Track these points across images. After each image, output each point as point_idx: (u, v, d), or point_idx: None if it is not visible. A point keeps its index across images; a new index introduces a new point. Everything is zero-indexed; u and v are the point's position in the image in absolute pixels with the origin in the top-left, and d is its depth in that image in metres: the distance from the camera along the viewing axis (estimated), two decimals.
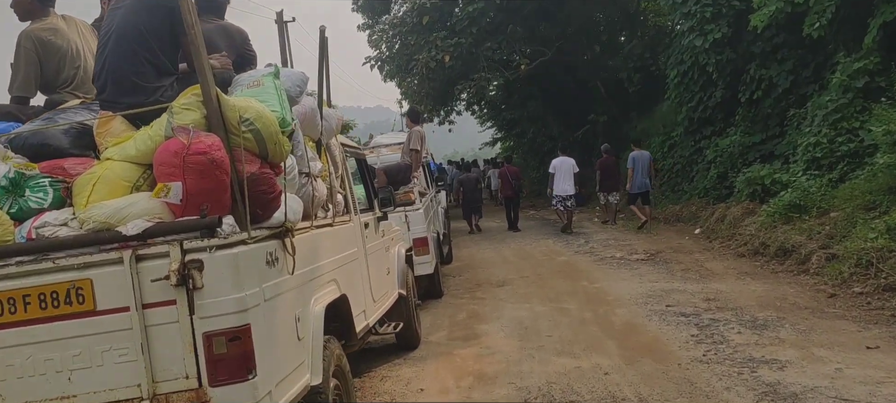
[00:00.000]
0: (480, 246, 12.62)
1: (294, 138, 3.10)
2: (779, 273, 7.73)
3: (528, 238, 13.20)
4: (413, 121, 7.97)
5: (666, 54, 16.17)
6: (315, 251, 3.26)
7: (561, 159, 13.51)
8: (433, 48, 17.31)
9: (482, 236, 14.49)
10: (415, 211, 7.17)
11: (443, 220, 10.36)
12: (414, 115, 8.04)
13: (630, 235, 12.09)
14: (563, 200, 13.13)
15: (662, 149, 16.00)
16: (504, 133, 33.79)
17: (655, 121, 17.28)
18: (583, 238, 12.32)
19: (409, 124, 7.96)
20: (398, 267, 5.55)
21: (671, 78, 14.51)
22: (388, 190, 5.13)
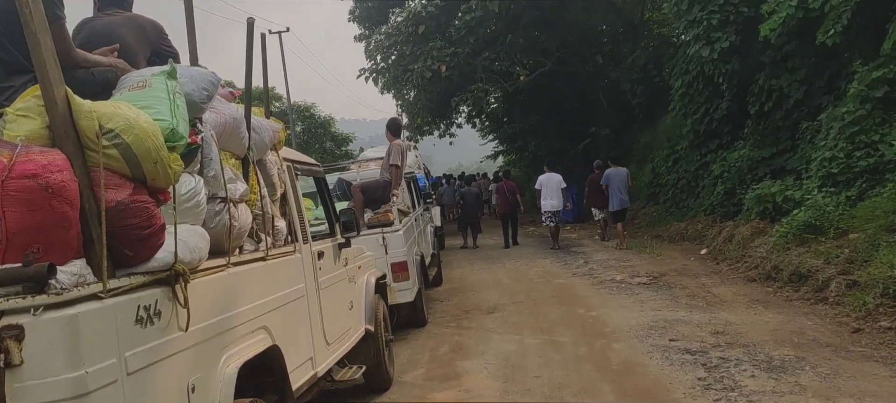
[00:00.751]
0: (474, 266, 11.96)
1: (203, 155, 2.48)
2: (794, 301, 7.05)
3: (525, 257, 12.54)
4: (393, 135, 7.35)
5: (670, 65, 15.56)
6: (231, 295, 2.62)
7: (548, 175, 13.35)
8: (429, 58, 16.74)
9: (478, 254, 13.83)
10: (394, 233, 6.53)
11: (432, 240, 9.72)
12: (394, 128, 7.42)
13: (631, 255, 11.42)
14: (552, 216, 12.99)
15: (666, 163, 15.36)
16: (506, 146, 33.19)
17: (659, 134, 16.64)
18: (582, 258, 11.65)
19: (389, 137, 7.35)
20: (366, 300, 4.91)
21: (676, 89, 13.88)
22: (351, 213, 4.50)
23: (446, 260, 13.02)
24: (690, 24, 11.89)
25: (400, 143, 7.22)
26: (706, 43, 11.51)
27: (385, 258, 6.48)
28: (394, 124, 7.49)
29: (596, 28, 19.85)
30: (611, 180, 12.40)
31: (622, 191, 12.33)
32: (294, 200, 3.64)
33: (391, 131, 7.43)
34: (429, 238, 9.50)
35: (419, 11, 16.88)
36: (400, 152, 7.09)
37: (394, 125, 7.48)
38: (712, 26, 11.35)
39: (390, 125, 7.51)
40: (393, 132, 7.41)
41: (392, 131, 7.42)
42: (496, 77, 17.79)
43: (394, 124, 7.49)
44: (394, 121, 7.54)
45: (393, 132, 7.41)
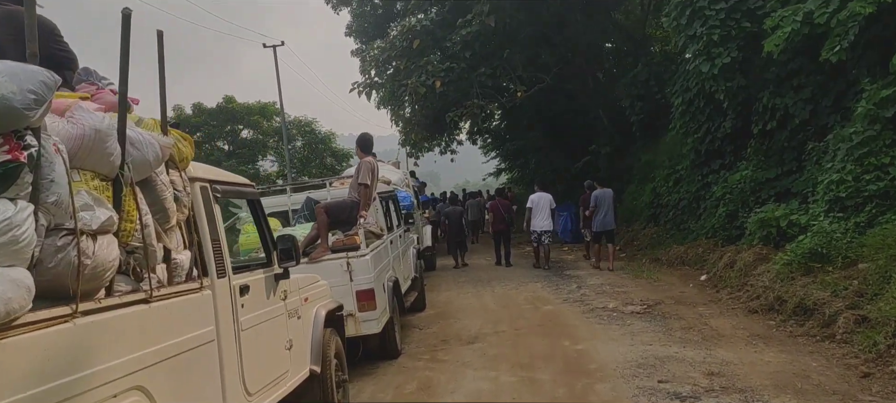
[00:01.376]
0: (462, 289, 11.40)
1: (40, 175, 1.97)
2: (798, 337, 6.46)
3: (517, 279, 11.97)
4: (363, 151, 6.83)
5: (671, 81, 15.06)
6: (81, 352, 2.09)
7: (539, 195, 13.30)
8: (424, 73, 16.28)
9: (469, 275, 13.27)
10: (360, 258, 6.00)
11: (413, 263, 9.18)
12: (364, 144, 6.90)
13: (627, 280, 10.84)
14: (540, 236, 12.97)
15: (667, 183, 14.80)
16: (508, 163, 32.73)
17: (660, 153, 16.08)
18: (575, 282, 11.08)
19: (359, 154, 6.83)
20: (312, 337, 4.37)
21: (676, 106, 13.36)
22: (289, 239, 3.97)
23: (435, 283, 12.49)
24: (690, 40, 11.37)
25: (370, 161, 6.70)
26: (707, 58, 10.98)
27: (350, 285, 5.95)
28: (363, 140, 6.97)
29: (596, 44, 19.37)
30: (599, 201, 12.30)
31: (607, 213, 12.23)
32: (207, 227, 3.11)
33: (361, 147, 6.92)
34: (410, 260, 8.96)
35: (414, 25, 16.45)
36: (369, 170, 6.57)
37: (363, 141, 6.97)
38: (713, 41, 10.83)
39: (360, 141, 7.00)
40: (363, 148, 6.89)
41: (362, 147, 6.91)
42: (493, 93, 17.30)
43: (363, 140, 6.97)
44: (364, 137, 7.03)
45: (363, 148, 6.89)
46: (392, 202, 8.75)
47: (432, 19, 16.99)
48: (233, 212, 7.08)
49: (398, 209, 8.86)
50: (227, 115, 35.73)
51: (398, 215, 8.86)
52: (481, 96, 16.82)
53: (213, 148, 35.53)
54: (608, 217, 12.26)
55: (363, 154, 6.82)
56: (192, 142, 3.02)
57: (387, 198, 8.15)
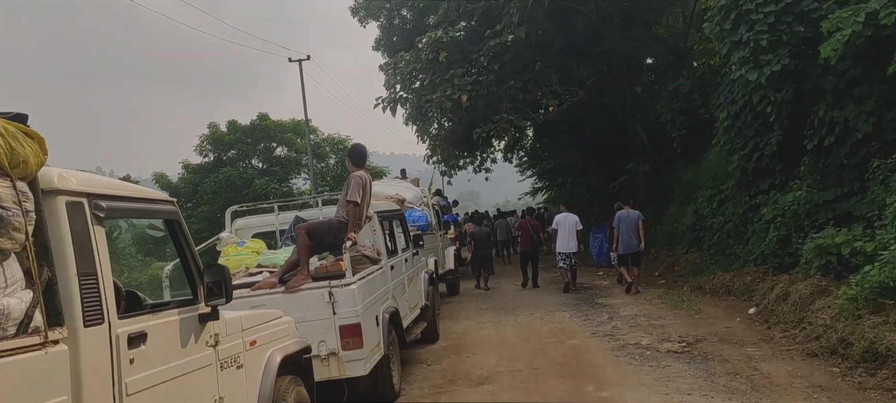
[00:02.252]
0: (482, 317, 10.48)
1: None
2: (869, 389, 5.38)
3: (543, 307, 10.98)
4: (354, 164, 6.03)
5: (715, 94, 13.96)
6: None
7: (564, 215, 12.88)
8: (450, 87, 15.53)
9: (492, 300, 12.32)
10: (344, 288, 5.18)
11: (424, 289, 8.32)
12: (356, 157, 6.10)
13: (665, 311, 9.77)
14: (567, 257, 12.51)
15: (711, 204, 13.63)
16: (545, 182, 31.72)
17: (703, 172, 14.92)
18: (607, 311, 10.04)
19: (351, 167, 6.03)
20: (261, 390, 3.56)
21: (721, 120, 12.27)
22: (220, 271, 3.17)
23: (455, 309, 11.61)
24: (735, 46, 10.32)
25: (361, 175, 5.90)
26: (754, 66, 9.92)
27: (332, 319, 5.14)
28: (356, 152, 6.18)
29: (635, 56, 18.33)
30: (621, 223, 11.88)
31: (631, 235, 11.75)
32: (72, 256, 2.33)
33: (352, 160, 6.12)
34: (419, 287, 8.11)
35: (440, 36, 15.73)
36: (359, 186, 5.77)
37: (356, 153, 6.17)
38: (761, 47, 9.76)
39: (351, 153, 6.22)
40: (354, 161, 6.10)
41: (353, 160, 6.11)
42: (524, 108, 16.41)
43: (356, 152, 6.18)
44: (356, 149, 6.24)
45: (354, 161, 6.10)
46: (399, 222, 7.93)
47: (460, 30, 16.24)
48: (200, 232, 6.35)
49: (406, 230, 8.04)
50: (260, 133, 35.64)
51: (406, 237, 8.03)
52: (511, 111, 15.95)
53: (247, 165, 35.46)
54: (632, 239, 11.76)
55: (354, 167, 6.02)
56: (43, 141, 2.24)
57: (391, 217, 7.33)
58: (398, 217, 7.84)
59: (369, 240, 6.33)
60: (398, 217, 7.84)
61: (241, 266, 5.85)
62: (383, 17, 21.67)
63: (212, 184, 32.52)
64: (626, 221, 11.89)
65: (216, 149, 35.63)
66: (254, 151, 36.42)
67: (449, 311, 11.28)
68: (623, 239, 11.86)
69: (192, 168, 35.45)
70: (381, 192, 10.58)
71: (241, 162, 35.63)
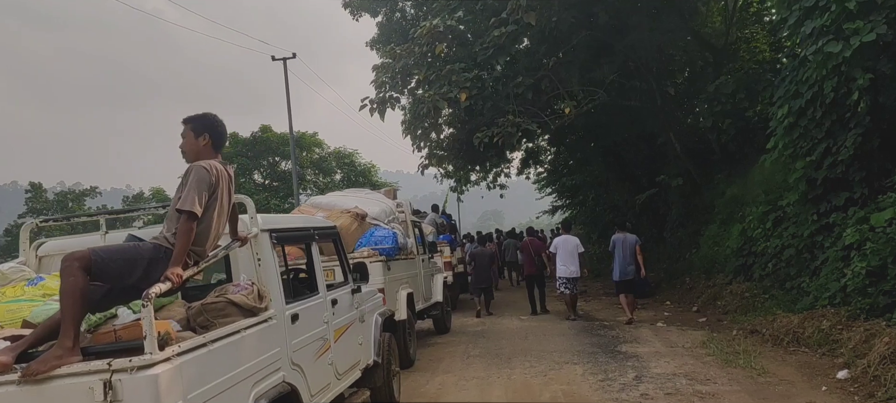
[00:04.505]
0: (468, 369, 7.95)
1: None
2: None
3: (548, 354, 8.41)
4: (214, 147, 3.51)
5: (770, 90, 11.40)
6: None
7: (563, 238, 12.02)
8: (447, 83, 13.15)
9: (485, 344, 9.74)
10: (138, 374, 2.72)
11: (374, 341, 5.83)
12: (211, 131, 3.53)
13: (714, 366, 7.16)
14: (567, 282, 11.67)
15: (764, 224, 10.99)
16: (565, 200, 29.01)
17: (752, 185, 12.27)
18: (632, 366, 7.45)
19: (194, 146, 3.56)
20: None
21: (779, 119, 9.67)
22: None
23: (439, 353, 9.13)
24: (809, 13, 7.79)
25: (212, 167, 3.41)
26: (836, 37, 7.37)
27: None
28: (208, 122, 3.60)
29: (666, 52, 15.76)
30: (617, 246, 11.10)
31: (627, 260, 10.98)
32: None
33: (193, 129, 3.61)
34: (361, 338, 5.62)
35: (437, 26, 13.38)
36: (206, 184, 3.32)
37: (207, 124, 3.59)
38: (848, 11, 7.21)
39: (200, 123, 3.64)
40: (213, 139, 3.55)
41: (213, 139, 3.54)
42: (534, 109, 13.93)
43: (208, 122, 3.60)
44: (207, 120, 3.66)
45: (213, 139, 3.55)
46: (330, 245, 5.51)
47: (459, 19, 13.88)
48: None
49: (343, 257, 5.56)
50: (262, 146, 33.67)
51: (344, 267, 5.56)
52: (519, 113, 13.48)
53: (248, 181, 33.46)
54: (629, 265, 10.98)
55: (204, 147, 3.52)
56: None
57: (306, 237, 4.87)
58: (328, 236, 5.39)
59: (247, 276, 3.90)
60: (328, 236, 5.39)
61: (9, 319, 3.46)
62: (383, 15, 19.43)
63: None
64: (622, 246, 11.04)
65: None
66: (256, 165, 34.45)
67: (428, 358, 8.80)
68: (618, 265, 11.05)
69: None
70: (335, 205, 8.19)
71: (241, 177, 33.63)
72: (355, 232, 7.60)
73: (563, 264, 11.64)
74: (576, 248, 11.72)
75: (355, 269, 5.68)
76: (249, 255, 4.02)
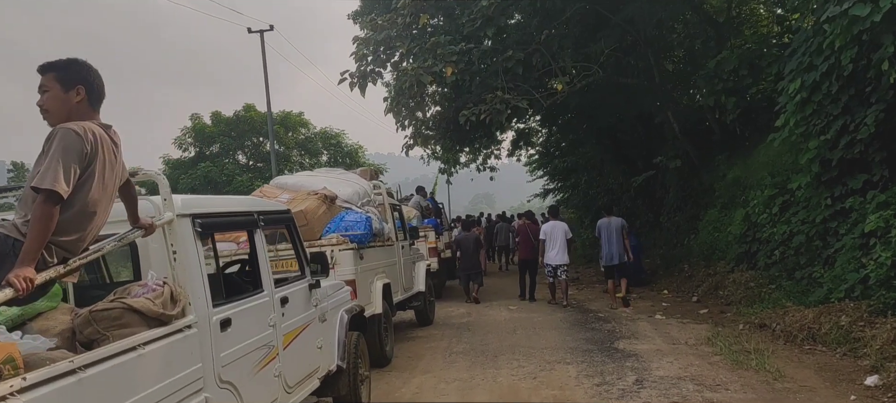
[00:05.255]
0: (450, 368, 7.18)
1: None
2: None
3: (538, 352, 7.65)
4: (91, 104, 2.62)
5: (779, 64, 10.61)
6: None
7: (551, 224, 11.73)
8: (431, 57, 12.26)
9: (471, 338, 8.97)
10: None
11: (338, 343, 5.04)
12: (84, 81, 2.72)
13: (722, 368, 6.41)
14: (555, 269, 11.48)
15: (770, 208, 10.24)
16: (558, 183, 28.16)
17: (756, 168, 11.52)
18: (632, 367, 6.69)
19: (61, 103, 2.73)
20: None
21: (789, 94, 8.87)
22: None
23: (419, 350, 8.36)
24: None
25: (87, 129, 2.54)
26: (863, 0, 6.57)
27: None
28: (73, 70, 2.77)
29: (666, 26, 14.92)
30: (601, 232, 11.16)
31: (614, 244, 10.96)
32: None
33: (58, 77, 2.68)
34: (322, 340, 4.81)
35: None
36: (78, 153, 2.47)
37: (74, 71, 2.76)
38: None
39: (65, 69, 2.79)
40: (64, 85, 2.70)
41: (88, 93, 2.65)
42: (525, 86, 13.07)
43: (73, 70, 2.77)
44: (73, 66, 2.85)
45: (64, 85, 2.70)
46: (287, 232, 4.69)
47: None
48: None
49: (299, 246, 4.74)
50: (246, 125, 32.62)
51: (300, 257, 4.75)
52: (509, 90, 12.63)
53: (231, 161, 32.44)
54: (614, 249, 10.96)
55: (78, 105, 2.69)
56: None
57: (249, 223, 4.05)
58: (278, 222, 4.56)
59: (157, 274, 3.07)
60: (278, 222, 4.56)
61: None
62: None
63: (189, 181, 29.53)
64: (607, 230, 11.04)
65: (198, 143, 32.72)
66: (240, 145, 33.42)
67: (407, 355, 8.02)
68: (605, 249, 11.04)
69: (173, 163, 32.56)
70: (302, 186, 7.37)
71: (224, 157, 32.65)
72: (323, 216, 6.77)
73: (552, 251, 11.42)
74: (564, 235, 11.48)
75: (314, 260, 4.86)
76: (162, 247, 3.19)
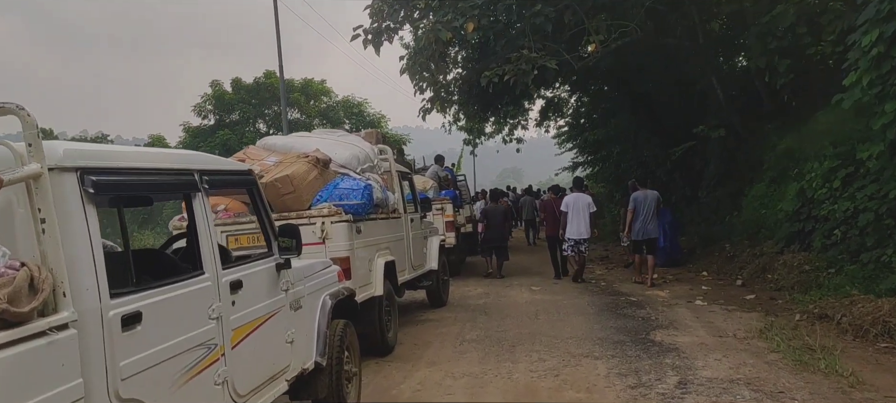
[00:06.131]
0: (460, 359, 6.25)
1: None
2: None
3: (562, 342, 6.67)
4: None
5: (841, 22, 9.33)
6: None
7: (574, 196, 11.21)
8: (451, 11, 11.17)
9: (488, 323, 8.04)
10: None
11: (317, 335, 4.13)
12: None
13: (782, 368, 5.34)
14: (576, 244, 11.00)
15: (830, 182, 9.03)
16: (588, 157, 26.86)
17: (813, 136, 10.27)
18: (671, 364, 5.66)
19: None
20: None
21: (863, 48, 7.61)
22: None
23: (427, 335, 7.46)
24: None
25: None
26: None
27: None
28: None
29: None
30: (637, 205, 10.60)
31: (649, 219, 10.50)
32: None
33: None
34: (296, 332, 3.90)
35: None
36: None
37: None
38: None
39: None
40: None
41: None
42: (555, 46, 11.91)
43: None
44: None
45: None
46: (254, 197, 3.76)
47: None
48: None
49: (265, 216, 3.80)
50: (266, 93, 31.85)
51: (267, 231, 3.82)
52: (536, 50, 11.48)
53: (250, 129, 31.79)
54: (650, 223, 10.51)
55: None
56: None
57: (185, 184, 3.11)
58: (233, 184, 3.64)
59: (8, 252, 2.17)
60: (233, 184, 3.64)
61: None
62: None
63: (207, 149, 28.92)
64: (645, 203, 10.54)
65: (218, 111, 32.10)
66: (260, 113, 32.70)
67: (413, 342, 7.11)
68: (639, 224, 10.51)
69: (193, 131, 32.02)
70: (292, 148, 6.44)
71: (245, 125, 32.00)
72: (313, 182, 5.83)
73: (573, 224, 10.89)
74: (587, 207, 10.92)
75: (283, 234, 3.92)
76: (27, 214, 2.26)
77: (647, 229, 10.50)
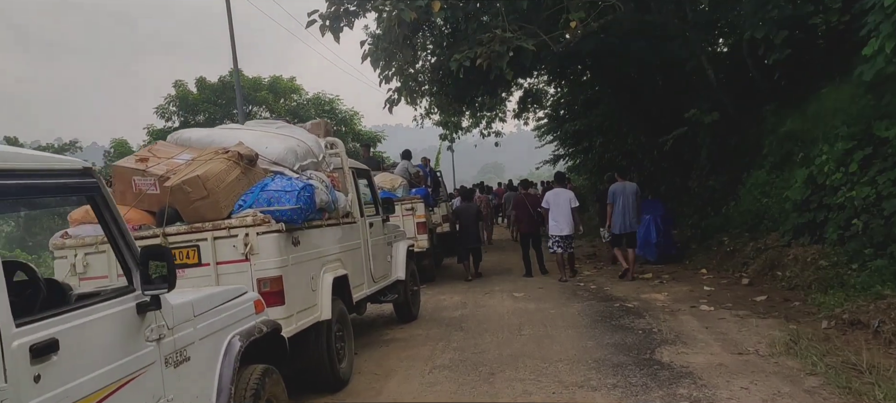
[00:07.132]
0: (434, 384, 5.08)
1: None
2: None
3: (549, 366, 5.53)
4: None
5: None
6: None
7: (555, 192, 10.81)
8: None
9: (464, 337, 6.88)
10: None
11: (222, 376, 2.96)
12: None
13: (822, 391, 4.26)
14: (560, 241, 10.57)
15: (844, 166, 8.00)
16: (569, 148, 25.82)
17: (822, 115, 9.26)
18: (690, 397, 4.55)
19: None
20: None
21: (883, 9, 6.58)
22: None
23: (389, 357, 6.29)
24: None
25: None
26: None
27: None
28: None
29: None
30: (617, 197, 10.36)
31: (630, 212, 10.31)
32: None
33: None
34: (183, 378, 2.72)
35: None
36: None
37: None
38: None
39: None
40: None
41: None
42: (532, 27, 10.78)
43: None
44: None
45: None
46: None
47: None
48: None
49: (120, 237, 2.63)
50: (233, 93, 30.35)
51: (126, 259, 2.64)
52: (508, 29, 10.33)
53: None
54: (630, 216, 10.29)
55: None
56: None
57: None
58: (54, 190, 2.45)
59: None
60: (54, 190, 2.45)
61: None
62: None
63: None
64: (623, 196, 10.29)
65: (183, 112, 30.58)
66: (227, 113, 31.19)
67: (373, 371, 5.93)
68: (617, 218, 10.30)
69: (156, 133, 30.44)
70: (211, 142, 5.24)
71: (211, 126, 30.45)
72: (234, 184, 4.62)
73: (555, 221, 10.51)
74: (569, 203, 10.53)
75: (149, 258, 2.71)
76: None
77: (627, 222, 10.26)
